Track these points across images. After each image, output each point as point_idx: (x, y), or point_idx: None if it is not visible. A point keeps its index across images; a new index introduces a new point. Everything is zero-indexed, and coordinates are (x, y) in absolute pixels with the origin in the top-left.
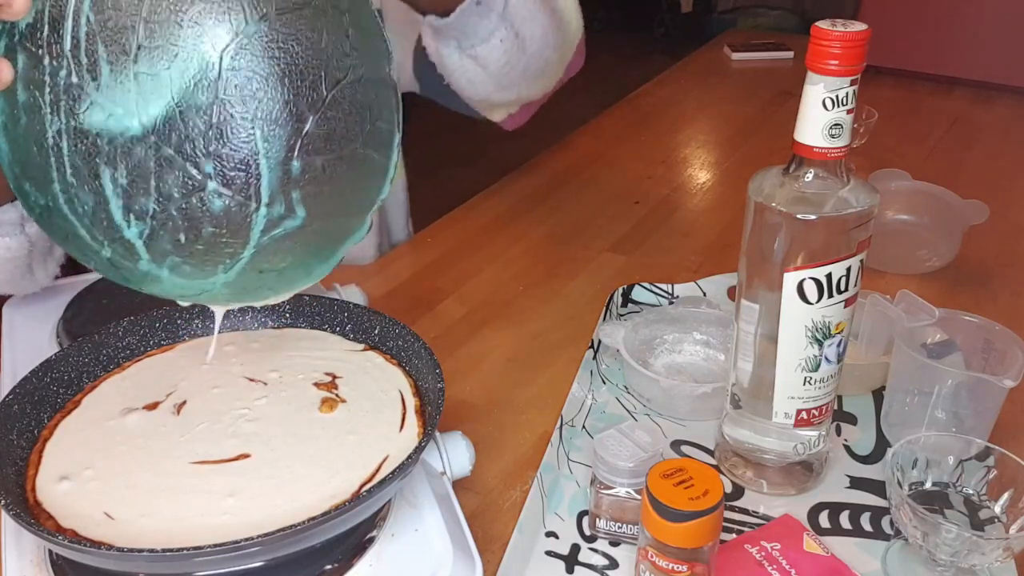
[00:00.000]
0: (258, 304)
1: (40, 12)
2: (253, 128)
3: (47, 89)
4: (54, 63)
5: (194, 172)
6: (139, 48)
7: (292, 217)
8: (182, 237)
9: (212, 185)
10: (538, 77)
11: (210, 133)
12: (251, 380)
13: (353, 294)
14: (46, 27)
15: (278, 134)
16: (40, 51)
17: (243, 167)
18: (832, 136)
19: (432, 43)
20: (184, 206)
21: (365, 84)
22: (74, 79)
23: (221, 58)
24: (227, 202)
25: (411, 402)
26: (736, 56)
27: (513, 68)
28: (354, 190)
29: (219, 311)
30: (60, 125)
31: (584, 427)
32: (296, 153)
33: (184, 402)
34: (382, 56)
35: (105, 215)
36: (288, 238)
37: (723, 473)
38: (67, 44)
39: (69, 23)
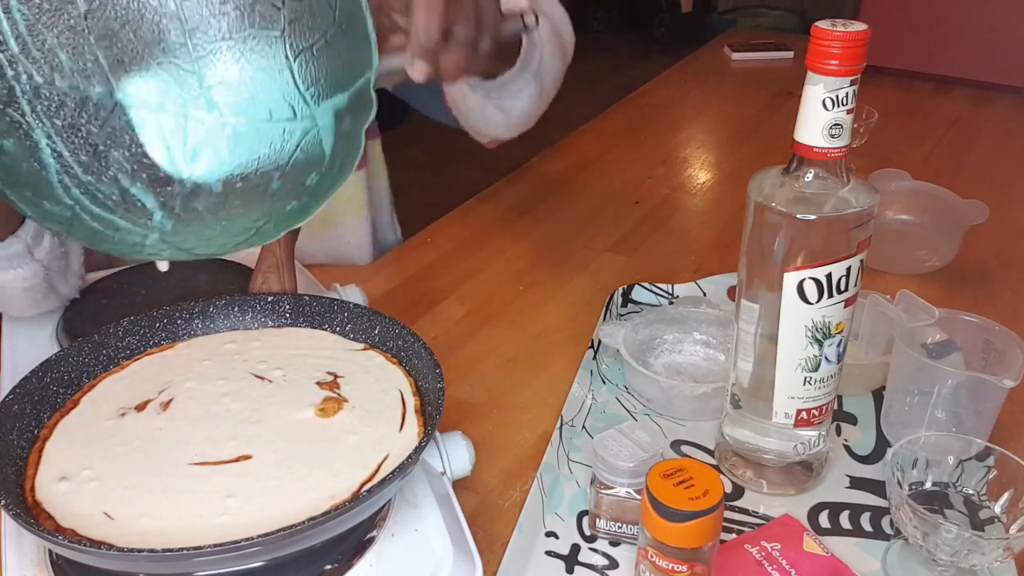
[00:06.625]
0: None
1: None
2: (241, 55)
3: (17, 100)
4: (11, 71)
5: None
6: (87, 16)
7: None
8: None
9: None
10: (539, 116)
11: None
12: (257, 377)
13: (353, 294)
14: None
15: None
16: None
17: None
18: (832, 136)
19: (456, 88)
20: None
21: None
22: (37, 78)
23: None
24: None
25: (411, 402)
26: (736, 56)
27: (531, 116)
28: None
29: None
30: (48, 130)
31: (584, 427)
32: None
33: (184, 400)
34: None
35: (133, 197)
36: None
37: (723, 473)
38: (13, 46)
39: (4, 25)
